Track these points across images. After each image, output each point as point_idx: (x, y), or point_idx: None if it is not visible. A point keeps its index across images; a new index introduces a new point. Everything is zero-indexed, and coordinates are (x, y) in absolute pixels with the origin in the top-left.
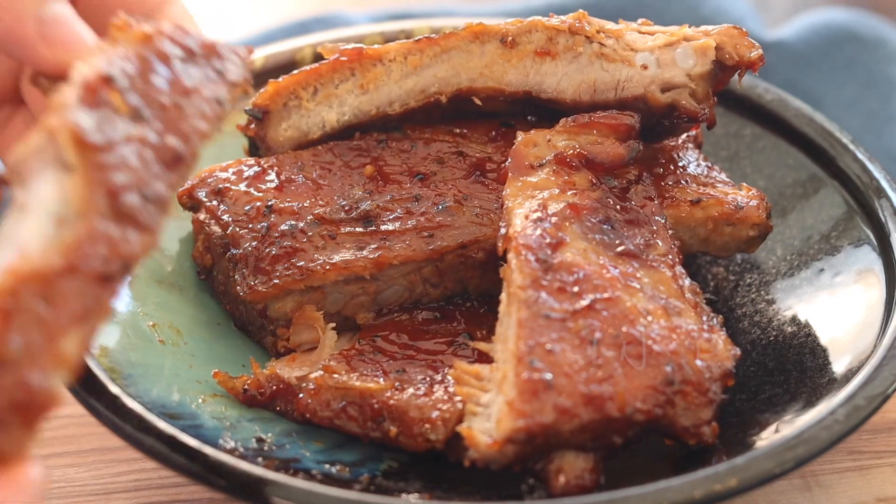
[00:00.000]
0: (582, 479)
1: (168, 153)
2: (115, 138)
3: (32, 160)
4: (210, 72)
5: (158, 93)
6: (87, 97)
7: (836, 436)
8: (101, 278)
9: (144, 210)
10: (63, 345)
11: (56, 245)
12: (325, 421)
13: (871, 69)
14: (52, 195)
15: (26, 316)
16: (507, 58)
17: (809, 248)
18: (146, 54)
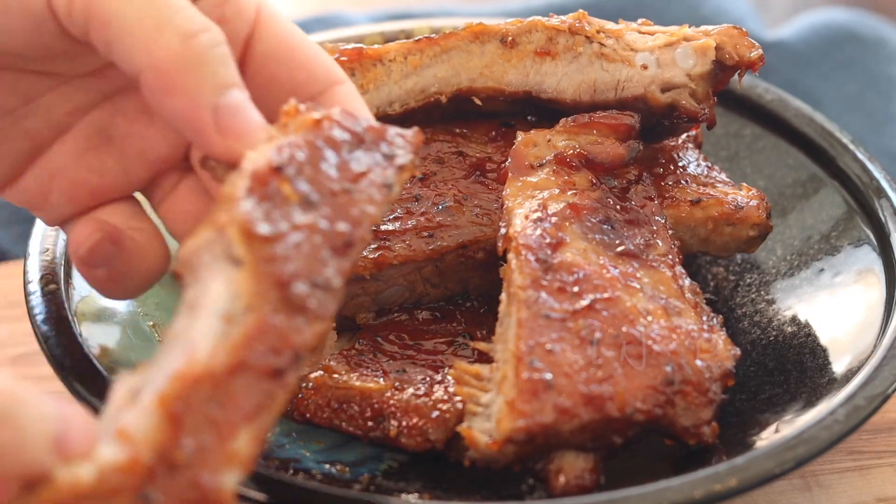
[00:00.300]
0: (582, 479)
1: (338, 239)
2: (283, 228)
3: (202, 253)
4: (378, 156)
5: (328, 179)
6: (256, 188)
7: (836, 436)
8: (272, 373)
9: (314, 298)
10: (235, 444)
11: (225, 344)
12: (325, 421)
13: (871, 69)
14: (221, 293)
15: (197, 418)
16: (507, 58)
17: (809, 248)
18: (315, 141)
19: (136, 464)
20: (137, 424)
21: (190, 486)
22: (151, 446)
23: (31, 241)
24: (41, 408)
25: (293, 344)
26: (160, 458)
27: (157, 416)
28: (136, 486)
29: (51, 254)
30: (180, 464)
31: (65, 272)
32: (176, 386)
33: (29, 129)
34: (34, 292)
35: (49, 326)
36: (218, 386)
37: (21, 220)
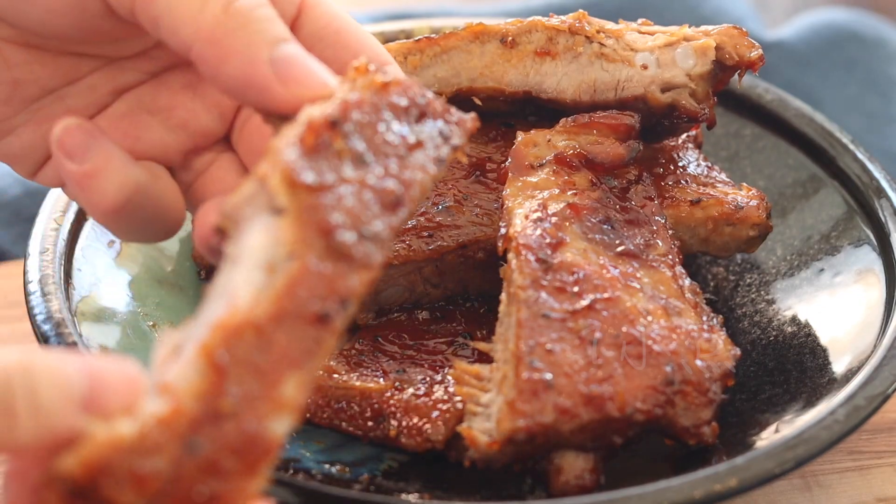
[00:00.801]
0: (582, 478)
1: (388, 195)
2: (331, 180)
3: (245, 207)
4: (435, 132)
5: (384, 143)
6: (306, 138)
7: (836, 436)
8: (318, 319)
9: (360, 247)
10: (282, 390)
11: (268, 292)
12: (325, 421)
13: (871, 69)
14: (262, 243)
15: (242, 367)
16: (507, 58)
17: (809, 248)
18: (379, 103)
19: (179, 413)
20: (180, 375)
21: (237, 434)
22: (195, 395)
23: (31, 241)
24: (62, 370)
25: (339, 290)
26: (205, 407)
27: (200, 365)
28: (180, 436)
29: (51, 254)
30: (226, 412)
31: (65, 272)
32: (218, 335)
33: (71, 108)
34: (34, 292)
35: (49, 326)
36: (262, 334)
37: (21, 221)
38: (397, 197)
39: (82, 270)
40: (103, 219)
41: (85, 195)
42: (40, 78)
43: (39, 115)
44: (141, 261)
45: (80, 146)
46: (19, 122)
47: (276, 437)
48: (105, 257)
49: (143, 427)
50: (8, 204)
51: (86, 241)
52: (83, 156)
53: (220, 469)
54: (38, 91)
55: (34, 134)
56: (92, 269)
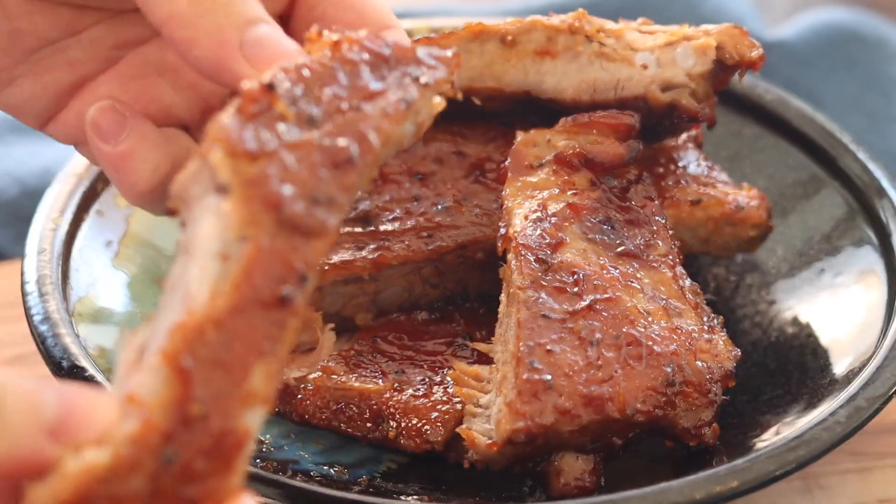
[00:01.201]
0: (582, 480)
1: (340, 154)
2: (272, 146)
3: (191, 186)
4: (402, 76)
5: (335, 97)
6: (243, 106)
7: (837, 437)
8: (278, 302)
9: (313, 214)
10: (250, 382)
11: (223, 284)
12: (324, 422)
13: (872, 69)
14: (212, 231)
15: (206, 367)
16: (507, 57)
17: (810, 249)
18: (330, 62)
19: (150, 428)
20: (145, 386)
21: (209, 437)
22: (163, 406)
23: (28, 242)
24: (33, 394)
25: (295, 267)
26: (175, 416)
27: (165, 374)
28: (154, 450)
29: (48, 254)
30: (196, 417)
31: (62, 273)
32: (178, 339)
33: (72, 60)
34: (31, 293)
35: (46, 327)
36: (222, 328)
37: (20, 221)
38: (350, 154)
39: (80, 271)
40: (140, 200)
41: (120, 177)
42: (40, 28)
43: (40, 66)
44: (139, 261)
45: (114, 128)
46: (19, 72)
47: (249, 431)
48: (103, 258)
49: (116, 452)
50: (6, 204)
51: (83, 242)
52: (117, 137)
53: (198, 473)
54: (37, 42)
55: (35, 85)
56: (89, 269)
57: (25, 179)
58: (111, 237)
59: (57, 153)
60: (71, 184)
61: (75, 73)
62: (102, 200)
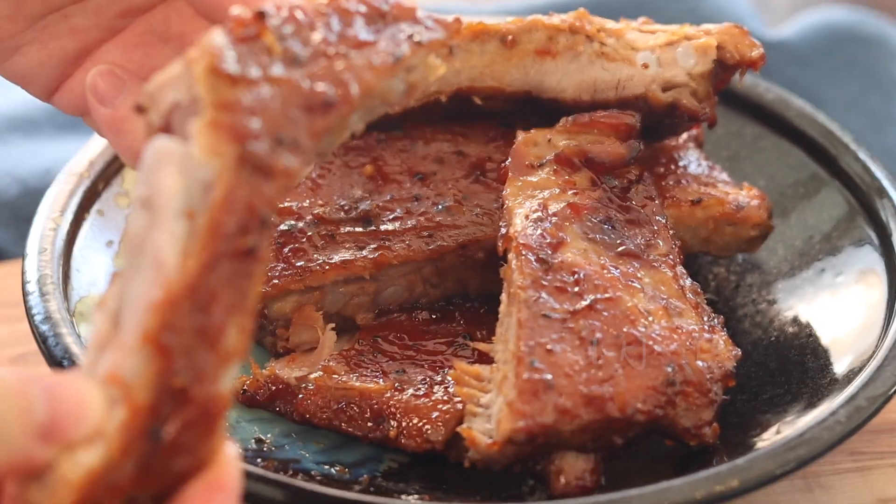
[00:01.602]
0: (583, 479)
1: (315, 98)
2: (253, 75)
3: (167, 89)
4: (397, 32)
5: (324, 42)
6: (235, 28)
7: (837, 436)
8: (245, 253)
9: (275, 154)
10: (226, 342)
11: (193, 245)
12: (325, 422)
13: (872, 68)
14: (177, 185)
15: (185, 336)
16: (508, 57)
17: (811, 249)
18: (325, 9)
19: (137, 412)
20: (126, 366)
21: (193, 405)
22: (147, 386)
23: (28, 241)
24: (24, 394)
25: (258, 212)
26: (159, 393)
27: (147, 352)
28: (143, 430)
29: (49, 254)
30: (179, 387)
31: (63, 272)
32: (156, 317)
33: (76, 27)
34: (32, 292)
35: (47, 327)
36: (196, 292)
37: (21, 221)
38: (327, 98)
39: (81, 271)
40: (135, 163)
41: (119, 139)
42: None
43: (45, 33)
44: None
45: (113, 91)
46: (24, 40)
47: (223, 395)
48: (104, 257)
49: (110, 445)
50: (7, 203)
51: (84, 242)
52: (115, 99)
53: (185, 444)
54: (42, 8)
55: (40, 53)
56: (90, 269)
57: (26, 179)
58: (112, 237)
59: (57, 153)
60: (72, 183)
61: (80, 40)
62: (103, 200)
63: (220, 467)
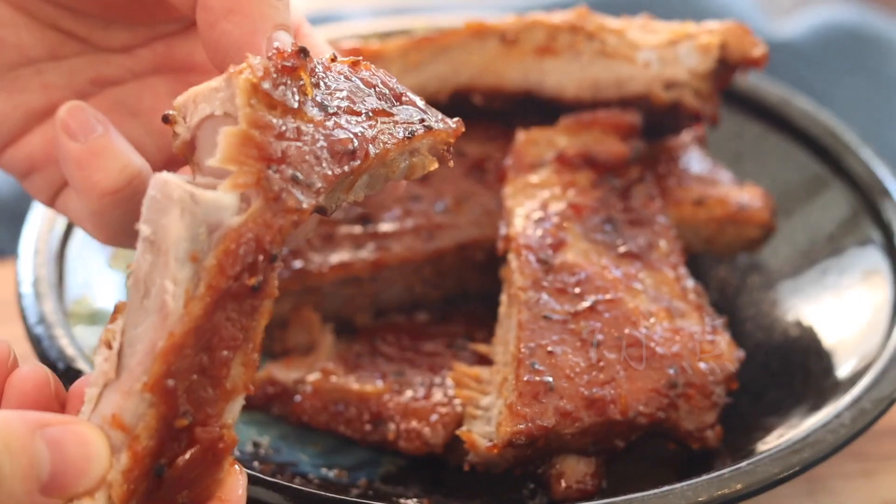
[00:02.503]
0: (584, 483)
1: (341, 144)
2: (292, 104)
3: (201, 100)
4: (412, 113)
5: (350, 101)
6: (276, 58)
7: (842, 439)
8: (250, 291)
9: (293, 191)
10: (230, 378)
11: (197, 289)
12: (323, 424)
13: (877, 68)
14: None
15: (188, 377)
16: (508, 56)
17: (814, 249)
18: (349, 74)
19: (139, 459)
20: (129, 410)
21: (197, 444)
22: (151, 431)
23: (22, 242)
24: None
25: (265, 248)
26: (162, 435)
27: (151, 399)
28: (146, 472)
29: (44, 255)
30: (183, 427)
31: (57, 274)
32: (160, 366)
33: (48, 84)
34: (27, 294)
35: (42, 329)
36: (200, 332)
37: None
38: (352, 148)
39: (76, 272)
40: (99, 202)
41: (85, 174)
42: (23, 44)
43: (14, 84)
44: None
45: (84, 126)
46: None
47: (232, 424)
48: (99, 259)
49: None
50: (4, 203)
51: (79, 242)
52: (87, 134)
53: (190, 478)
54: (18, 58)
55: (5, 104)
56: (86, 270)
57: None
58: None
59: None
60: None
61: (48, 97)
62: None
63: (221, 502)
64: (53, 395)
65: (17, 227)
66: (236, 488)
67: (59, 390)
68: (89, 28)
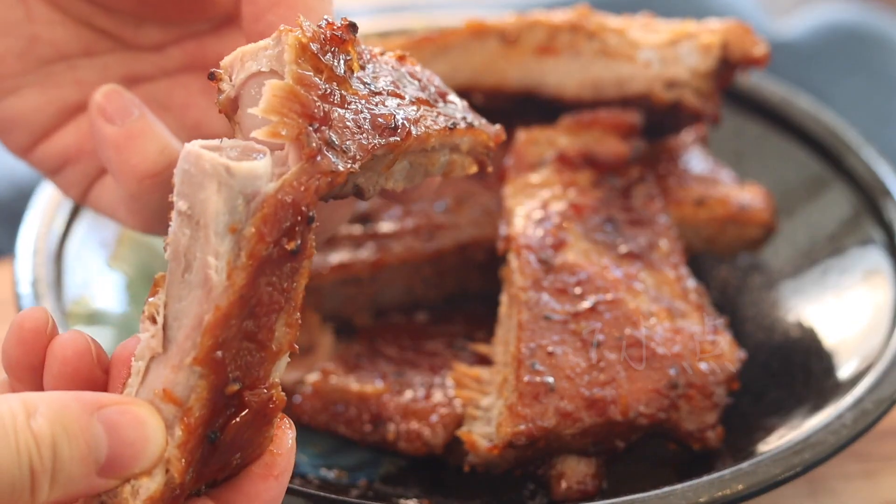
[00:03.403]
0: (584, 483)
1: (385, 119)
2: (339, 71)
3: (249, 58)
4: (454, 110)
5: (395, 84)
6: (327, 27)
7: (843, 440)
8: (290, 254)
9: (332, 153)
10: (275, 340)
11: (238, 260)
12: (322, 425)
13: (878, 68)
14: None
15: (235, 346)
16: (508, 55)
17: (815, 249)
18: (396, 65)
19: (192, 430)
20: (180, 384)
21: (248, 407)
22: (202, 402)
23: (21, 242)
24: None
25: (302, 210)
26: (213, 404)
27: (201, 371)
28: (200, 441)
29: (42, 255)
30: (233, 393)
31: (56, 274)
32: (208, 339)
33: (81, 79)
34: (25, 294)
35: None
36: (244, 301)
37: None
38: (396, 122)
39: (74, 272)
40: (137, 186)
41: (124, 157)
42: (58, 40)
43: (49, 79)
44: (134, 262)
45: (121, 109)
46: (27, 82)
47: (279, 382)
48: (98, 259)
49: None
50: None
51: (78, 242)
52: (124, 118)
53: (243, 441)
54: (52, 53)
55: (39, 98)
56: (84, 270)
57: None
58: (106, 237)
59: None
60: None
61: (82, 92)
62: None
63: (273, 455)
64: (95, 361)
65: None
66: (286, 440)
67: (101, 356)
68: (122, 26)
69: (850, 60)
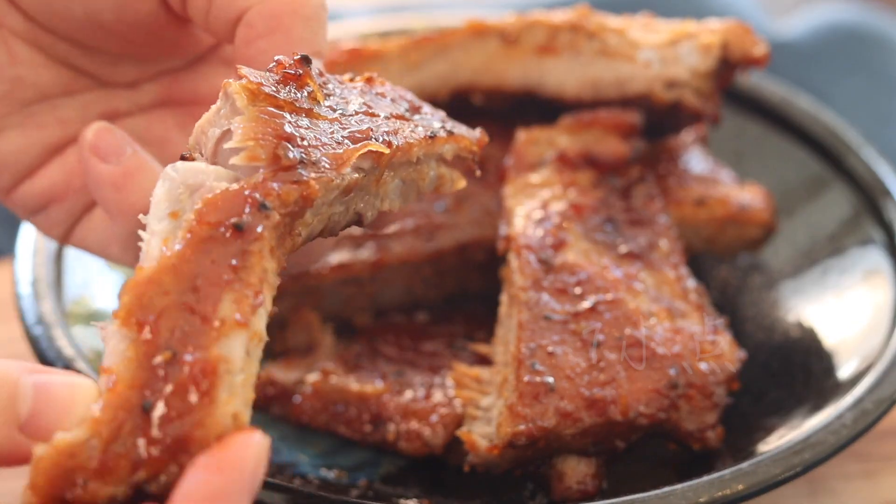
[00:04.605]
0: (584, 484)
1: (363, 133)
2: (299, 105)
3: (207, 125)
4: (432, 120)
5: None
6: (277, 69)
7: (843, 440)
8: (234, 233)
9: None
10: (220, 314)
11: (178, 231)
12: (322, 425)
13: (878, 68)
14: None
15: (170, 314)
16: (508, 55)
17: (815, 249)
18: (365, 88)
19: (118, 391)
20: (112, 352)
21: (182, 374)
22: (128, 364)
23: (20, 242)
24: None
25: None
26: (145, 367)
27: (122, 334)
28: (131, 405)
29: (42, 255)
30: (165, 362)
31: (56, 274)
32: (129, 298)
33: (63, 118)
34: (25, 294)
35: (40, 330)
36: (181, 273)
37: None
38: (374, 137)
39: (74, 272)
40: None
41: (122, 196)
42: (40, 81)
43: (31, 120)
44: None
45: (114, 147)
46: (10, 123)
47: (222, 357)
48: (98, 259)
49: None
50: None
51: None
52: (118, 156)
53: (178, 410)
54: (35, 94)
55: (22, 139)
56: (84, 270)
57: None
58: None
59: None
60: None
61: (64, 131)
62: None
63: (226, 448)
64: None
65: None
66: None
67: None
68: (99, 64)
69: (850, 60)
